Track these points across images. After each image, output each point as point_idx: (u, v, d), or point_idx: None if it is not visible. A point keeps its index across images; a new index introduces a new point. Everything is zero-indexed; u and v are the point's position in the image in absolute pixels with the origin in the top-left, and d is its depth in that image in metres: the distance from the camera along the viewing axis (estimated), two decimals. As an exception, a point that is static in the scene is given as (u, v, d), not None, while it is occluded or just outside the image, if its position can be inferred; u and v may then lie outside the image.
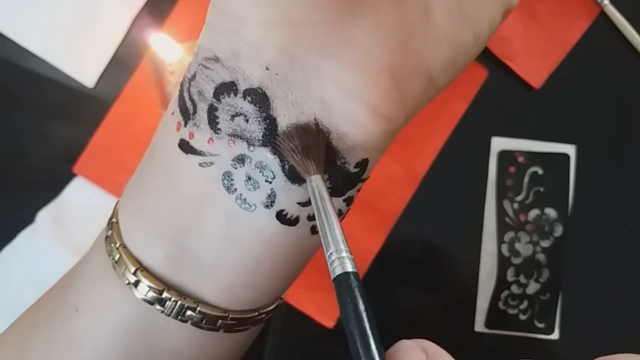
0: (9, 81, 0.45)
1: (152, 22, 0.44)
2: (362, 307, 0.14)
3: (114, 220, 0.19)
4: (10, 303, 0.43)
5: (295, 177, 0.17)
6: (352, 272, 0.14)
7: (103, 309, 0.18)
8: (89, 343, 0.18)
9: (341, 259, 0.15)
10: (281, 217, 0.17)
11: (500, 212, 0.43)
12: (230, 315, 0.18)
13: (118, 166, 0.44)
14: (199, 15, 0.45)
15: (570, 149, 0.43)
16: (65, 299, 0.20)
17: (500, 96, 0.44)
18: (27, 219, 0.44)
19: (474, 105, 0.43)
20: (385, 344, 0.13)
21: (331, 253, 0.15)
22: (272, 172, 0.17)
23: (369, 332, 0.13)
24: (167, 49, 0.40)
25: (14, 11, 0.45)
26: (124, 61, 0.44)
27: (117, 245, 0.18)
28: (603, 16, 0.43)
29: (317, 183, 0.16)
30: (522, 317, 0.42)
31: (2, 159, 0.46)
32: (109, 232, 0.19)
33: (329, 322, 0.42)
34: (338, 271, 0.14)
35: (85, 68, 0.44)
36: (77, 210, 0.44)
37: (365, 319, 0.13)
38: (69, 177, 0.44)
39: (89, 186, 0.44)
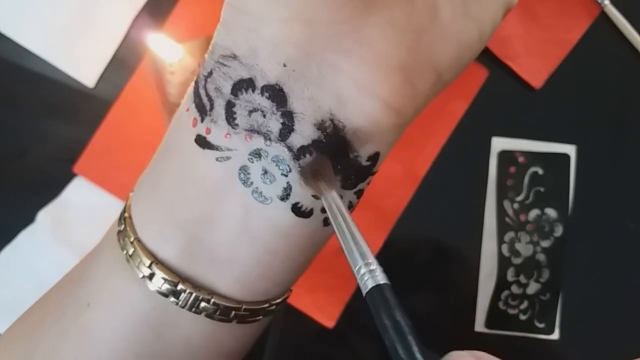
0: (9, 81, 0.45)
1: (152, 22, 0.44)
2: (401, 320, 0.13)
3: (126, 215, 0.20)
4: (10, 303, 0.43)
5: None
6: (386, 284, 0.14)
7: (116, 302, 0.19)
8: (102, 335, 0.19)
9: (372, 272, 0.14)
10: (296, 209, 0.18)
11: (501, 212, 0.43)
12: (244, 307, 0.19)
13: (118, 166, 0.44)
14: (199, 15, 0.45)
15: (570, 149, 0.43)
16: (75, 293, 0.20)
17: (500, 96, 0.44)
18: (27, 219, 0.44)
19: (474, 105, 0.43)
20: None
21: (360, 267, 0.15)
22: (288, 166, 0.17)
23: (412, 345, 0.13)
24: (167, 49, 0.40)
25: (13, 11, 0.45)
26: (124, 61, 0.44)
27: (132, 239, 0.19)
28: (603, 16, 0.43)
29: (332, 198, 0.16)
30: (523, 317, 0.42)
31: (2, 159, 0.46)
32: (122, 227, 0.19)
33: (329, 322, 0.42)
34: (370, 284, 0.14)
35: (85, 68, 0.44)
36: (77, 210, 0.44)
37: (407, 333, 0.13)
38: (69, 177, 0.44)
39: (89, 186, 0.44)
